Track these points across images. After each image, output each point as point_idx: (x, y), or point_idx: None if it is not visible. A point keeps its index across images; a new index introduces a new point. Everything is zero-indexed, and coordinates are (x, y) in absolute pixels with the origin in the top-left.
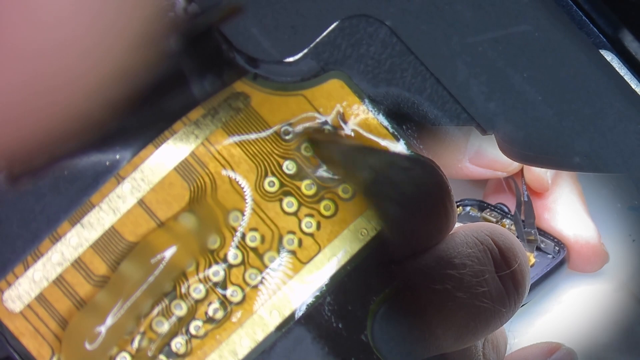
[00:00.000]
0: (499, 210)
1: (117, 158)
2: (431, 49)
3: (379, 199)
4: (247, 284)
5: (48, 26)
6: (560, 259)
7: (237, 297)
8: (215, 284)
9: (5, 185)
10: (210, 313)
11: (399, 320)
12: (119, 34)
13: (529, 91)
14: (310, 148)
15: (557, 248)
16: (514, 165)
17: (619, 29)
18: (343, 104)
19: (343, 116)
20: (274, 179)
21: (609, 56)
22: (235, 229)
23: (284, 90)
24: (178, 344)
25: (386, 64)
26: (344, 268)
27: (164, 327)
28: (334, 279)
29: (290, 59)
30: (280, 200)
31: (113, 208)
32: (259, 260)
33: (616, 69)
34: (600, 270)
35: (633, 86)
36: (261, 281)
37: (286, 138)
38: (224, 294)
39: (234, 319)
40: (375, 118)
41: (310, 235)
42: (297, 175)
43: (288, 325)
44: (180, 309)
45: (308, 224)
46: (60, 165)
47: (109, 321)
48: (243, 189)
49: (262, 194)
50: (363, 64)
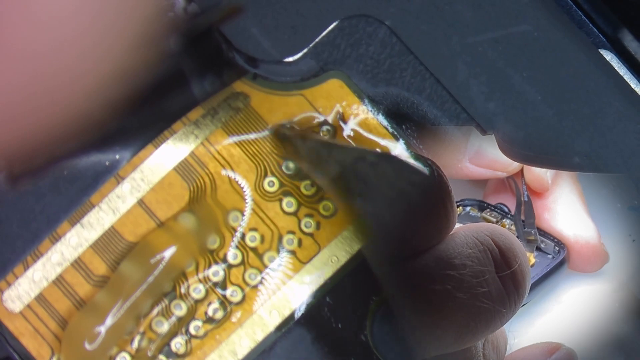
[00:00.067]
0: (499, 211)
1: (117, 158)
2: (431, 49)
3: (347, 195)
4: (247, 284)
5: (48, 26)
6: (560, 259)
7: (237, 297)
8: (215, 284)
9: (5, 185)
10: (210, 313)
11: (398, 321)
12: (119, 34)
13: (528, 91)
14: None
15: (557, 248)
16: (514, 165)
17: (619, 28)
18: (342, 103)
19: (342, 116)
20: (274, 179)
21: (608, 56)
22: (234, 229)
23: (284, 90)
24: (178, 344)
25: (386, 64)
26: (344, 268)
27: (164, 327)
28: (334, 279)
29: (290, 59)
30: (280, 200)
31: (113, 208)
32: (258, 260)
33: (616, 68)
34: (600, 270)
35: (632, 86)
36: (261, 281)
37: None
38: (223, 294)
39: (233, 319)
40: (375, 118)
41: (310, 235)
42: (297, 175)
43: (288, 325)
44: (180, 309)
45: (308, 224)
46: (60, 165)
47: (108, 321)
48: (243, 189)
49: (262, 194)
50: (362, 64)
